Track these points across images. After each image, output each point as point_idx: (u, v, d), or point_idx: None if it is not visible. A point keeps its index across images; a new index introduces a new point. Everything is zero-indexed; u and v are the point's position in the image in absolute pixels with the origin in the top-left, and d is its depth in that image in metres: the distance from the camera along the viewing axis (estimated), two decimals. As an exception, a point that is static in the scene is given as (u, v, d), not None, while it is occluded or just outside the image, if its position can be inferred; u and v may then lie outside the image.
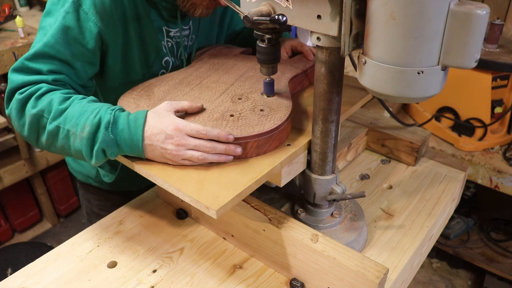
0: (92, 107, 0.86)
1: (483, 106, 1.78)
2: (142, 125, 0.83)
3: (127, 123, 0.84)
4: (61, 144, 0.88)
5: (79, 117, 0.85)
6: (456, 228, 2.24)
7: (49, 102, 0.87)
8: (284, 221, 0.89)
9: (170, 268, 0.95)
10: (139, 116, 0.85)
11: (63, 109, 0.86)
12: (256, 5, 0.80)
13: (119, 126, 0.84)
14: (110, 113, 0.84)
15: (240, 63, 1.15)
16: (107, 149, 0.84)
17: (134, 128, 0.83)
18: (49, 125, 0.87)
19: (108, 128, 0.83)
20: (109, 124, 0.83)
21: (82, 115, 0.85)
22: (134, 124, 0.84)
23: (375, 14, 0.64)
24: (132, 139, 0.83)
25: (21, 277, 0.94)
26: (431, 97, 0.69)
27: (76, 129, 0.84)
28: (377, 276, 0.77)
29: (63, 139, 0.87)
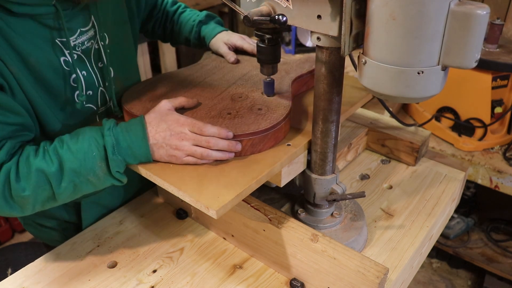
0: (85, 144, 0.81)
1: (483, 106, 1.78)
2: (142, 133, 0.83)
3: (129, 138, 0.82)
4: (83, 191, 0.85)
5: (86, 163, 0.80)
6: (456, 228, 2.24)
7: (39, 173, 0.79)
8: (284, 221, 0.89)
9: (170, 268, 0.95)
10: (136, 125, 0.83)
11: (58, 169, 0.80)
12: (256, 5, 0.80)
13: (122, 144, 0.82)
14: (110, 135, 0.81)
15: (246, 62, 1.16)
16: (120, 170, 0.84)
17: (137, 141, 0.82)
18: (59, 189, 0.81)
19: (115, 153, 0.81)
20: (113, 147, 0.81)
21: (86, 158, 0.80)
22: (135, 137, 0.83)
23: (375, 14, 0.64)
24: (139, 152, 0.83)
25: (21, 277, 0.94)
26: (431, 97, 0.69)
27: (94, 174, 0.82)
28: (377, 276, 0.77)
29: (84, 188, 0.84)
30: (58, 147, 0.82)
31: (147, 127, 0.84)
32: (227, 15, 3.00)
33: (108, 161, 0.81)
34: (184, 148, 0.83)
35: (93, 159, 0.81)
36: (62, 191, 0.82)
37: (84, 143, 0.82)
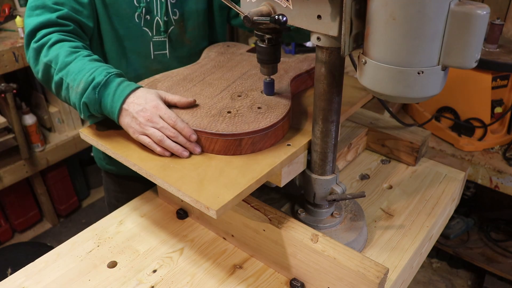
0: (90, 66, 0.92)
1: (483, 106, 1.78)
2: (127, 93, 0.89)
3: (115, 90, 0.90)
4: (64, 94, 0.95)
5: (78, 73, 0.91)
6: (456, 228, 2.24)
7: (57, 54, 0.94)
8: (284, 221, 0.89)
9: (170, 268, 0.95)
10: (130, 86, 0.91)
11: (67, 63, 0.93)
12: (256, 5, 0.80)
13: (108, 90, 0.90)
14: (105, 76, 0.89)
15: (245, 61, 1.16)
16: (89, 106, 0.90)
17: (118, 96, 0.89)
18: (56, 76, 0.94)
19: (96, 89, 0.89)
20: (98, 85, 0.89)
21: (81, 71, 0.91)
22: (120, 92, 0.89)
23: (375, 14, 0.64)
24: (112, 105, 0.89)
25: (21, 277, 0.94)
26: (431, 97, 0.69)
27: (73, 83, 0.91)
28: (377, 276, 0.77)
29: (65, 90, 0.94)
30: (84, 54, 0.95)
31: (131, 94, 0.90)
32: (227, 15, 2.99)
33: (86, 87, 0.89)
34: (145, 128, 0.87)
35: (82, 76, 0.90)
36: (57, 78, 0.94)
37: (92, 65, 0.92)
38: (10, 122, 2.15)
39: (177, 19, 1.18)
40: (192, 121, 0.89)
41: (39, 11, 1.00)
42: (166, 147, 0.87)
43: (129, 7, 1.10)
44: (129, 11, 1.10)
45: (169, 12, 1.15)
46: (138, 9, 1.11)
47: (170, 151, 0.87)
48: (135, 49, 1.16)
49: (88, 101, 0.89)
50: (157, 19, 1.14)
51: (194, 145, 0.88)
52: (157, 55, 1.19)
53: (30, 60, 1.00)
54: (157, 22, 1.15)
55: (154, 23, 1.14)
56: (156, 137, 0.87)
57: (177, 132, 0.87)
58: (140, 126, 0.88)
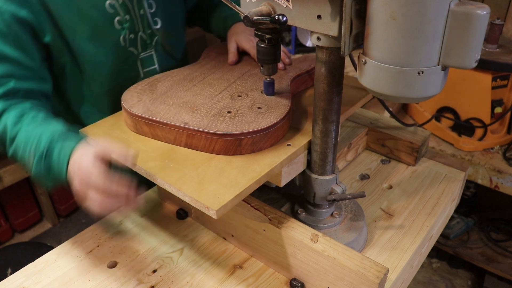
0: (34, 134, 0.86)
1: (483, 106, 1.78)
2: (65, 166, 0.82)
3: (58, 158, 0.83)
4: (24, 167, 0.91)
5: (25, 146, 0.86)
6: (456, 228, 2.24)
7: (4, 128, 0.89)
8: (284, 221, 0.89)
9: (170, 268, 0.95)
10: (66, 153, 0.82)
11: (14, 137, 0.88)
12: (256, 5, 0.80)
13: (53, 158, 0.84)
14: (45, 145, 0.84)
15: (245, 61, 1.16)
16: (41, 179, 0.87)
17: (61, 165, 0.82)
18: (9, 150, 0.90)
19: (41, 162, 0.84)
20: (41, 158, 0.84)
21: (27, 144, 0.86)
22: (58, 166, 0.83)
23: (375, 14, 0.64)
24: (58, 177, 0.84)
25: (21, 277, 0.94)
26: (431, 97, 0.69)
27: (24, 157, 0.87)
28: (377, 276, 0.77)
29: (23, 164, 0.90)
30: (27, 121, 0.88)
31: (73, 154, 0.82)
32: (227, 15, 2.99)
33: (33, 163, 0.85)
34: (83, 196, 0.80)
35: (29, 149, 0.86)
36: (10, 154, 0.91)
37: (37, 132, 0.86)
38: (10, 122, 2.14)
39: (159, 28, 1.13)
40: (192, 121, 0.89)
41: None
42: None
43: (113, 34, 1.03)
44: (113, 38, 1.03)
45: (151, 23, 1.10)
46: (123, 31, 1.03)
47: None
48: (122, 75, 1.09)
49: (39, 174, 0.86)
50: (140, 34, 1.08)
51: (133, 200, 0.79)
52: (146, 72, 1.14)
53: None
54: (141, 37, 1.09)
55: (138, 39, 1.08)
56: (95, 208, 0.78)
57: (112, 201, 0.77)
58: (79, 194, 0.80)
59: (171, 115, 0.92)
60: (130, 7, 1.04)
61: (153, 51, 1.13)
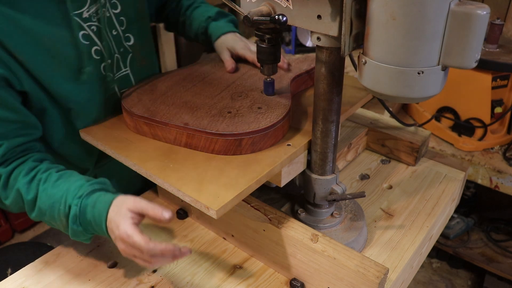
0: (59, 195, 0.84)
1: (483, 106, 1.78)
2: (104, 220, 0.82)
3: (93, 216, 0.83)
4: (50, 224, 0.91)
5: (52, 211, 0.85)
6: (456, 228, 2.24)
7: (17, 194, 0.87)
8: (284, 221, 0.89)
9: (170, 268, 0.95)
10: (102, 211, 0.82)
11: (33, 200, 0.86)
12: (256, 5, 0.80)
13: (87, 217, 0.83)
14: (76, 205, 0.83)
15: (245, 61, 1.16)
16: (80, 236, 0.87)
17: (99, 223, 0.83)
18: (32, 214, 0.89)
19: (76, 222, 0.84)
20: (76, 218, 0.84)
21: (53, 207, 0.84)
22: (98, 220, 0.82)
23: (375, 14, 0.64)
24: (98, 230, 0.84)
25: (21, 277, 0.94)
26: (431, 97, 0.69)
27: (55, 222, 0.87)
28: (377, 276, 0.77)
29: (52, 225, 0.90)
30: (42, 181, 0.86)
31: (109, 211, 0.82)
32: (227, 15, 2.99)
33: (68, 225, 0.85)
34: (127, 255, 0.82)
35: (58, 212, 0.85)
36: (33, 217, 0.89)
37: (59, 192, 0.84)
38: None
39: (132, 44, 1.04)
40: (192, 121, 0.89)
41: None
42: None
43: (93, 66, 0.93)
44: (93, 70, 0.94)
45: (123, 41, 1.01)
46: (102, 60, 0.95)
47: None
48: (106, 103, 1.01)
49: (76, 236, 0.87)
50: (116, 56, 1.00)
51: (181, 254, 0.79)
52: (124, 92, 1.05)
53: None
54: (116, 59, 1.00)
55: (114, 62, 1.00)
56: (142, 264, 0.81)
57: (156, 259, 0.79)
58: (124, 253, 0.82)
59: (171, 115, 0.92)
60: (103, 32, 0.94)
61: (128, 70, 1.05)
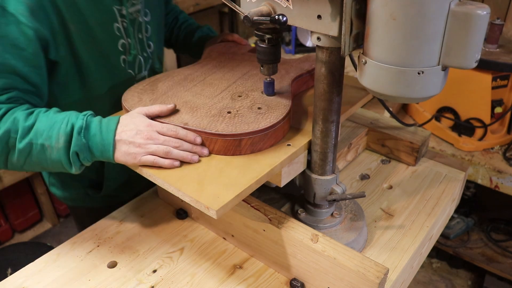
0: (61, 117, 0.86)
1: (483, 106, 1.78)
2: (114, 127, 0.85)
3: (99, 128, 0.85)
4: (37, 159, 0.87)
5: (51, 129, 0.84)
6: (456, 228, 2.24)
7: (13, 121, 0.84)
8: (284, 221, 0.89)
9: (170, 268, 0.95)
10: (111, 120, 0.87)
11: (30, 126, 0.85)
12: (256, 5, 0.80)
13: (91, 131, 0.85)
14: (82, 119, 0.85)
15: (246, 62, 1.16)
16: (80, 154, 0.85)
17: (106, 132, 0.85)
18: (19, 144, 0.84)
19: (81, 133, 0.84)
20: (81, 129, 0.84)
21: (53, 126, 0.84)
22: (106, 128, 0.85)
23: (375, 14, 0.64)
24: (103, 143, 0.85)
25: (21, 277, 0.94)
26: (431, 97, 0.69)
27: (50, 141, 0.84)
28: (377, 276, 0.77)
29: (38, 154, 0.86)
30: (42, 112, 0.87)
31: (117, 126, 0.86)
32: (227, 15, 2.99)
33: (69, 138, 0.84)
34: (147, 147, 0.84)
35: (58, 130, 0.84)
36: (20, 148, 0.85)
37: (61, 116, 0.86)
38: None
39: (152, 51, 1.17)
40: (192, 121, 0.89)
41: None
42: (174, 157, 0.84)
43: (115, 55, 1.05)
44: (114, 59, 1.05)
45: (146, 46, 1.14)
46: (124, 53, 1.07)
47: (179, 159, 0.85)
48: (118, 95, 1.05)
49: (78, 149, 0.84)
50: (139, 57, 1.11)
51: (201, 148, 0.86)
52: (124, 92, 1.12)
53: None
54: (139, 60, 1.12)
55: (136, 62, 1.11)
56: (161, 151, 0.84)
57: (180, 141, 0.85)
58: (140, 147, 0.84)
59: (171, 115, 0.92)
60: (131, 31, 1.07)
61: (146, 73, 1.16)
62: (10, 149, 0.86)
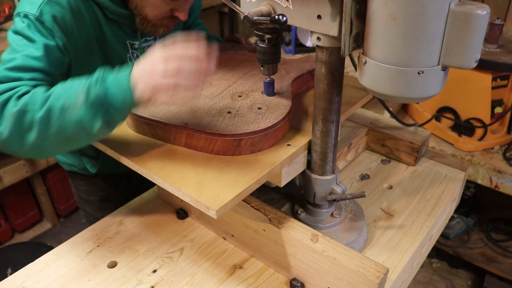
0: (78, 79, 0.84)
1: (483, 106, 1.78)
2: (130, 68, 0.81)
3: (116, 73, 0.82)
4: (57, 126, 0.82)
5: (70, 90, 0.82)
6: (456, 228, 2.24)
7: (32, 96, 0.83)
8: (284, 221, 0.89)
9: (170, 268, 0.95)
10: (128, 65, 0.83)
11: (48, 95, 0.83)
12: (256, 5, 0.80)
13: (108, 78, 0.81)
14: (98, 72, 0.82)
15: (247, 62, 1.16)
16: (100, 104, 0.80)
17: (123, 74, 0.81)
18: (38, 114, 0.81)
19: (97, 82, 0.80)
20: (98, 79, 0.81)
21: (71, 87, 0.82)
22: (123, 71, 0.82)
23: (375, 14, 0.64)
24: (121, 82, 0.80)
25: (21, 277, 0.94)
26: (431, 97, 0.69)
27: (70, 100, 0.81)
28: (377, 276, 0.77)
29: (58, 119, 0.82)
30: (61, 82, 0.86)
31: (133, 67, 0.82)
32: (227, 15, 3.00)
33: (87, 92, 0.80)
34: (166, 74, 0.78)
35: (76, 88, 0.82)
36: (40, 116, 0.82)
37: (78, 79, 0.84)
38: (10, 122, 2.14)
39: None
40: (192, 121, 0.89)
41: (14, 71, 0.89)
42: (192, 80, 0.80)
43: None
44: None
45: None
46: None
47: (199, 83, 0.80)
48: None
49: (97, 98, 0.80)
50: None
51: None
52: None
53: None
54: None
55: None
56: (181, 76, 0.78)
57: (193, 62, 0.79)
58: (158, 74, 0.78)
59: (171, 115, 0.92)
60: None
61: None
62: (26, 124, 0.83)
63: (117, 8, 1.03)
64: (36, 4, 0.92)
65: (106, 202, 1.40)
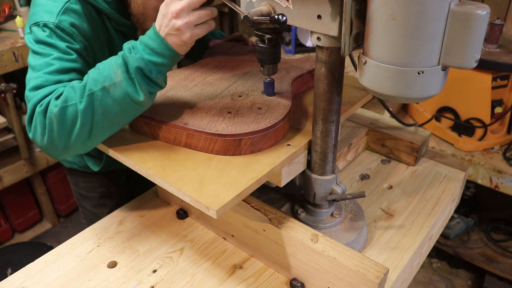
0: (104, 62, 0.86)
1: (483, 106, 1.78)
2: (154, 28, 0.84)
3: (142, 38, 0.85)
4: (102, 108, 0.84)
5: (104, 71, 0.84)
6: (456, 228, 2.24)
7: (68, 90, 0.85)
8: (284, 221, 0.89)
9: (170, 268, 0.95)
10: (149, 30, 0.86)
11: (84, 84, 0.85)
12: (256, 5, 0.80)
13: (138, 45, 0.84)
14: (126, 44, 0.85)
15: (247, 62, 1.16)
16: (141, 69, 0.83)
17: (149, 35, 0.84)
18: (80, 105, 0.83)
19: (131, 51, 0.83)
20: (130, 49, 0.83)
21: (104, 68, 0.84)
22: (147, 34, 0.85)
23: (375, 14, 0.64)
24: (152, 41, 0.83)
25: (21, 277, 0.94)
26: (431, 97, 0.69)
27: (109, 80, 0.83)
28: (377, 276, 0.77)
29: (101, 103, 0.84)
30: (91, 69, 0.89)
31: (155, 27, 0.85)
32: (227, 15, 3.00)
33: (125, 65, 0.83)
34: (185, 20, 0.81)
35: (110, 67, 0.84)
36: (83, 107, 0.83)
37: (105, 62, 0.86)
38: (10, 122, 2.15)
39: None
40: (192, 121, 0.89)
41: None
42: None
43: None
44: None
45: None
46: None
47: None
48: None
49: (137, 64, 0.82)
50: None
51: None
52: None
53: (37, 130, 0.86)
54: None
55: None
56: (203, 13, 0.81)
57: None
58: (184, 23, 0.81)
59: (171, 115, 0.92)
60: None
61: None
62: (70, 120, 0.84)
63: (122, 19, 1.07)
64: (54, 13, 0.94)
65: (105, 199, 1.40)
